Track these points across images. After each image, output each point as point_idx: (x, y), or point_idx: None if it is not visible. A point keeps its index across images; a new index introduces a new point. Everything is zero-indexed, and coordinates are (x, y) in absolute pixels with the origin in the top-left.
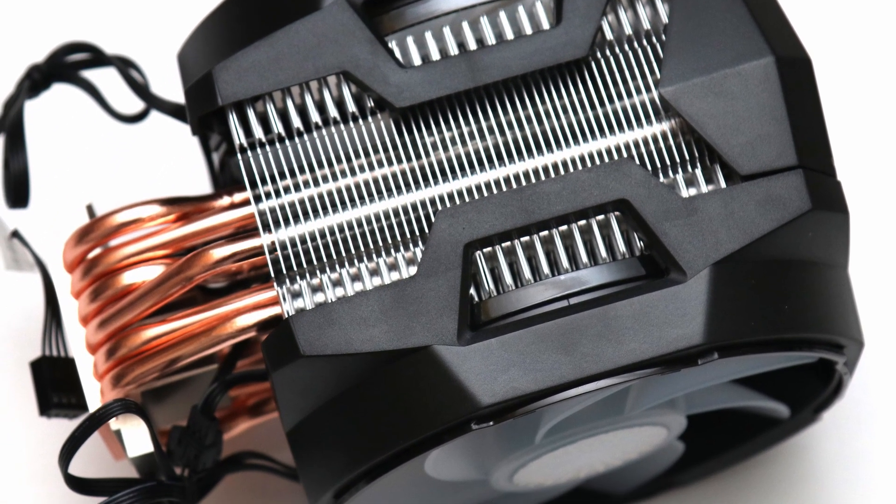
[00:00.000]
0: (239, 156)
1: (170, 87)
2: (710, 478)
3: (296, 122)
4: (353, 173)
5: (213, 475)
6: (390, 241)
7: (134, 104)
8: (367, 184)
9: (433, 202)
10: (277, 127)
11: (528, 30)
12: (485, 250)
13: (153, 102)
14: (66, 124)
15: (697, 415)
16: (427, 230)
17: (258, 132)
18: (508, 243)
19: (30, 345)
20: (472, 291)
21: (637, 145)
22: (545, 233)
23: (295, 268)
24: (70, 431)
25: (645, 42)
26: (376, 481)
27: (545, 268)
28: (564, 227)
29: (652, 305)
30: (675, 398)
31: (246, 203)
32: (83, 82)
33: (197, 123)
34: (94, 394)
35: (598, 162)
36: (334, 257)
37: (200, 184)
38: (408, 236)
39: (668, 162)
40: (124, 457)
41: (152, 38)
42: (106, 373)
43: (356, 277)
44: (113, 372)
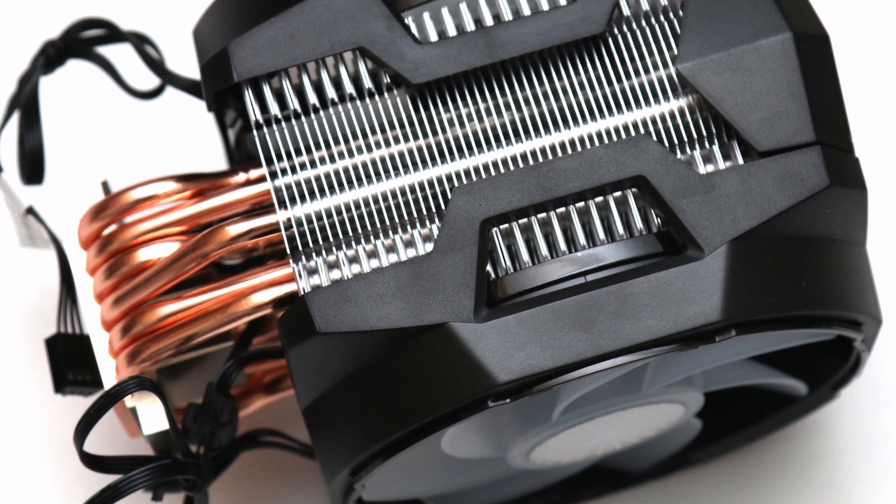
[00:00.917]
0: (255, 132)
1: (185, 64)
2: (728, 455)
3: (312, 99)
4: (370, 149)
5: (229, 453)
6: (406, 218)
7: (149, 80)
8: (384, 160)
9: (449, 178)
10: (293, 103)
11: (545, 6)
12: (501, 227)
13: (169, 78)
14: (82, 101)
15: (715, 392)
16: (443, 207)
17: (274, 108)
18: (525, 220)
19: (44, 322)
20: (489, 268)
21: (654, 121)
22: (562, 209)
23: (311, 244)
24: (85, 409)
25: (662, 18)
26: (392, 459)
27: (562, 244)
28: (581, 204)
29: (669, 282)
30: (693, 375)
31: (262, 179)
32: (98, 58)
33: (212, 99)
34: (110, 371)
35: (615, 138)
36: (350, 234)
37: (216, 160)
38: (424, 213)
39: (686, 138)
40: (139, 434)
41: (168, 14)
42: (121, 350)
43: (372, 254)
44: (128, 349)
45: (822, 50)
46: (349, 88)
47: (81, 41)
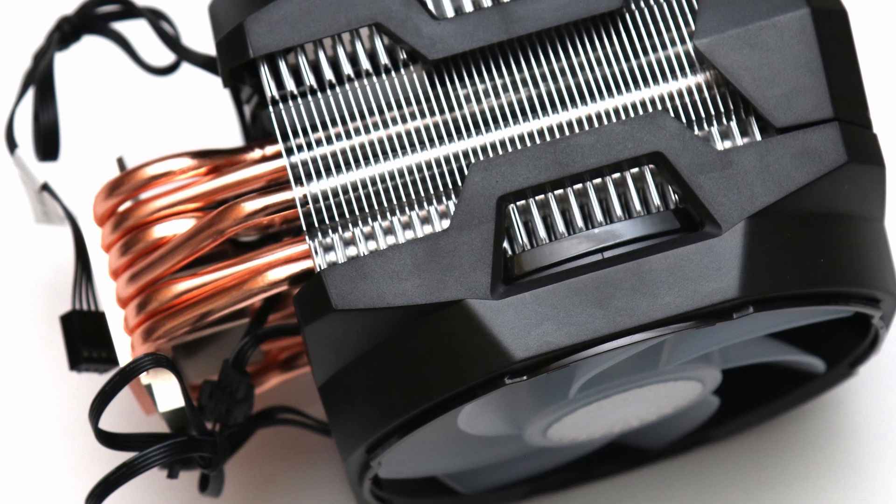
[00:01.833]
0: (270, 108)
1: (201, 40)
2: (746, 433)
3: (328, 75)
4: (386, 126)
5: (245, 430)
6: (423, 195)
7: (164, 56)
8: (400, 136)
9: (466, 155)
10: (309, 79)
11: None
12: (518, 203)
13: (184, 54)
14: (97, 77)
15: (732, 369)
16: (460, 183)
17: (290, 84)
18: (542, 196)
19: (59, 299)
20: (506, 245)
21: (672, 98)
22: (579, 186)
23: (327, 221)
24: (100, 386)
25: None
26: (409, 436)
27: (579, 221)
28: (598, 180)
29: (687, 259)
30: (710, 353)
31: (277, 156)
32: (113, 34)
33: (228, 76)
34: (125, 348)
35: (633, 114)
36: (366, 210)
37: (232, 136)
38: (440, 189)
39: (703, 114)
40: (155, 411)
41: None
42: (136, 327)
43: (388, 231)
44: (143, 326)
45: (840, 25)
46: (365, 64)
47: (97, 17)
